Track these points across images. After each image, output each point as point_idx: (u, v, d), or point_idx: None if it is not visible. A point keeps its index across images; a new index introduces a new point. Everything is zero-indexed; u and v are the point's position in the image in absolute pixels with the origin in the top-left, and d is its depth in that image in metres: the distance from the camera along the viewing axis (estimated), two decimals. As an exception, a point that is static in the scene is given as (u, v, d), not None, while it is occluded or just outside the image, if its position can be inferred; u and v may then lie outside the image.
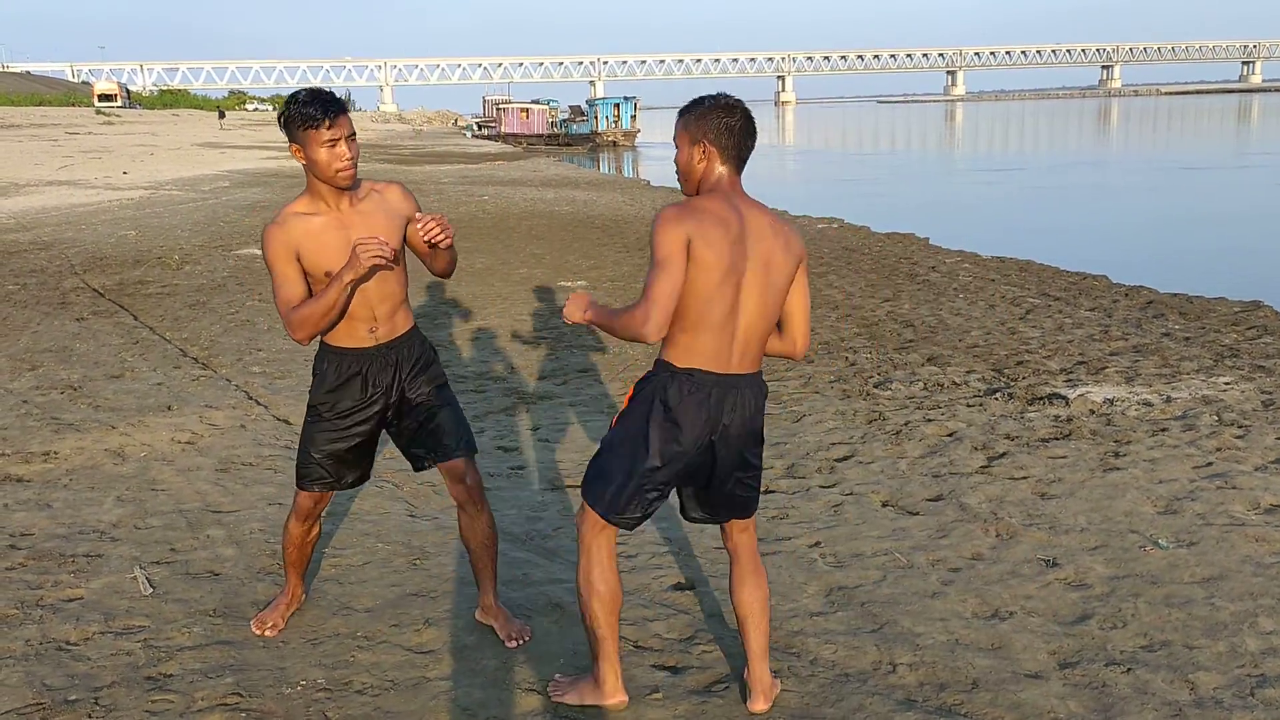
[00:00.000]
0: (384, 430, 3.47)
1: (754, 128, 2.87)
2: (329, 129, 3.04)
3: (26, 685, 3.26)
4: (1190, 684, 3.25)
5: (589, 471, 2.98)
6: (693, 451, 2.84)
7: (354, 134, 3.13)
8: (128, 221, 17.05)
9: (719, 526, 3.14)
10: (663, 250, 2.68)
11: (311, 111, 3.03)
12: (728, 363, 2.81)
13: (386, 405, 3.37)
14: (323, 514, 3.60)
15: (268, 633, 3.60)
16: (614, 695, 3.10)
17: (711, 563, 4.23)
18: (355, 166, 3.12)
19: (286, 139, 3.11)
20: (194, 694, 3.23)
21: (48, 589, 3.95)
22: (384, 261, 3.00)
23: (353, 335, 3.28)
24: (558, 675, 3.29)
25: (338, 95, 3.11)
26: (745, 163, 2.86)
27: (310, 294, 3.17)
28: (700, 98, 2.87)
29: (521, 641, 3.54)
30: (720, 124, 2.79)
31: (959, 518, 4.61)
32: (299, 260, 3.13)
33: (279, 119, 3.12)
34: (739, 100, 2.83)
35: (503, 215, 17.74)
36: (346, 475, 3.46)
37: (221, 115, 69.94)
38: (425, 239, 3.12)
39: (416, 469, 3.51)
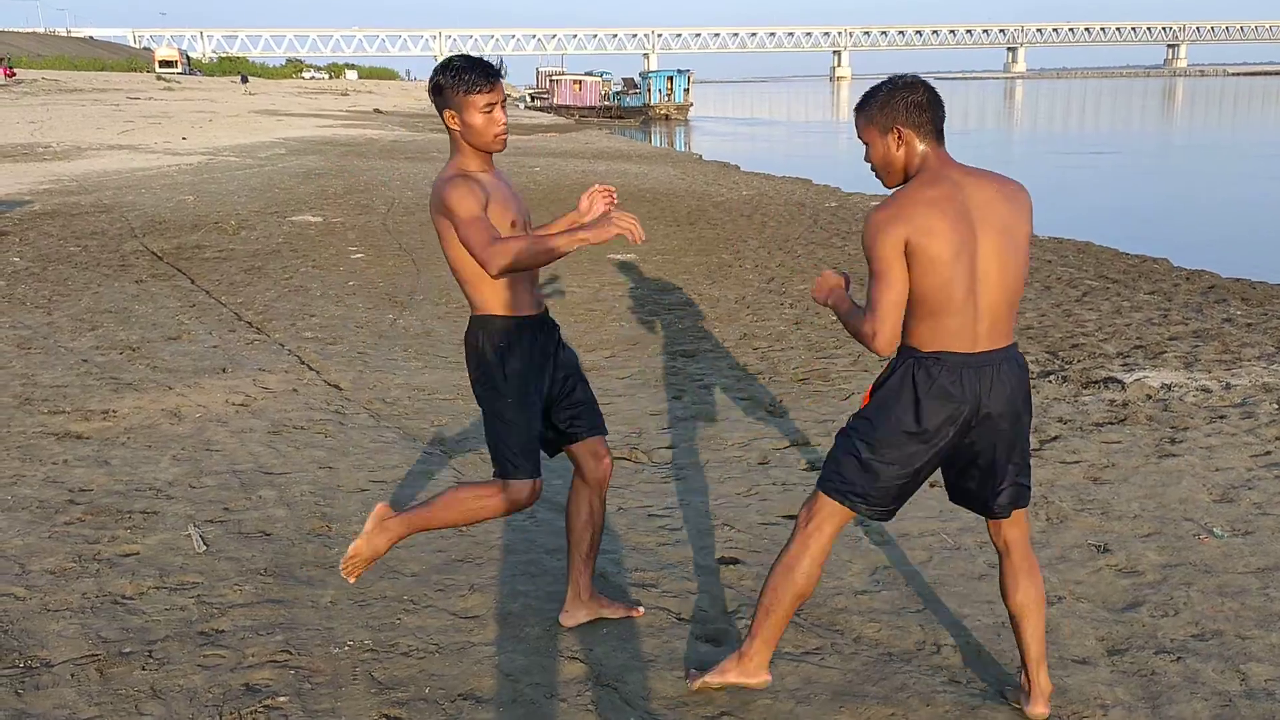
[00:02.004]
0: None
1: (940, 98, 2.74)
2: (489, 93, 3.02)
3: (83, 637, 3.35)
4: (1241, 675, 3.19)
5: (830, 460, 2.87)
6: (949, 439, 2.73)
7: (505, 100, 3.11)
8: (186, 186, 17.31)
9: (985, 520, 2.97)
10: (879, 261, 2.60)
11: (473, 77, 3.01)
12: (974, 342, 2.67)
13: (551, 375, 3.28)
14: None
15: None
16: (760, 674, 3.03)
17: (756, 538, 4.23)
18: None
19: (439, 106, 3.06)
20: (245, 650, 3.30)
21: (105, 544, 4.05)
22: (631, 234, 2.93)
23: (522, 300, 3.18)
24: (693, 669, 3.19)
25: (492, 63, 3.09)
26: (943, 134, 2.73)
27: None
28: (873, 88, 2.75)
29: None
30: (907, 103, 2.67)
31: (1008, 500, 4.55)
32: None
33: (433, 86, 3.06)
34: (914, 76, 2.73)
35: (554, 187, 17.75)
36: (547, 449, 3.37)
37: (244, 80, 70.59)
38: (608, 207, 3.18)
39: (552, 452, 3.40)
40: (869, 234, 2.62)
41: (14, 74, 57.08)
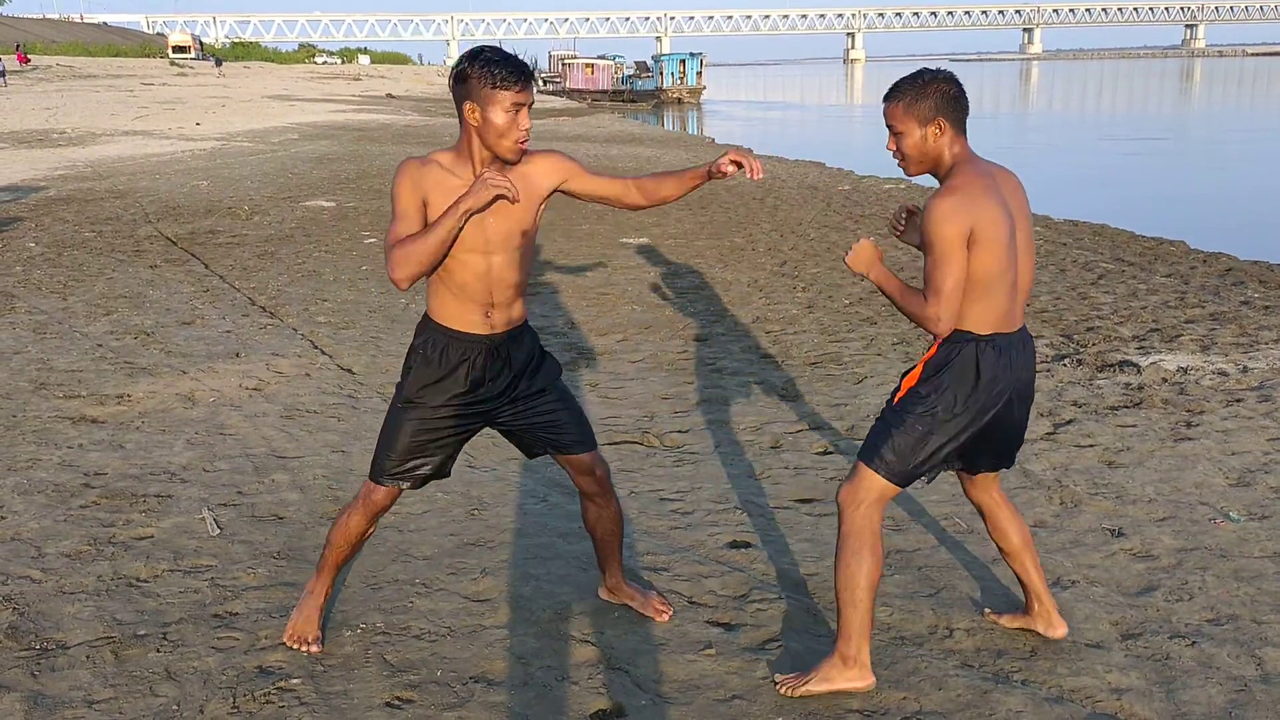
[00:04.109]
0: (486, 426, 3.16)
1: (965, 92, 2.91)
2: (518, 92, 2.77)
3: (98, 619, 3.37)
4: (1257, 660, 3.17)
5: (880, 437, 2.92)
6: (997, 413, 2.90)
7: (533, 104, 2.87)
8: (199, 172, 17.35)
9: (961, 483, 3.25)
10: (946, 244, 2.71)
11: (504, 72, 2.75)
12: (1013, 321, 2.89)
13: (491, 401, 3.05)
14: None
15: (313, 649, 3.21)
16: (867, 677, 2.98)
17: (767, 521, 4.22)
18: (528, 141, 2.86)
19: (458, 95, 2.81)
20: (258, 632, 3.31)
21: (119, 527, 4.08)
22: (509, 195, 2.75)
23: (465, 318, 2.98)
24: (778, 676, 3.08)
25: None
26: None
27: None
28: (907, 78, 2.85)
29: (670, 613, 3.40)
30: (947, 95, 2.81)
31: (1022, 484, 4.53)
32: (424, 209, 2.86)
33: (455, 74, 2.81)
34: (945, 69, 2.87)
35: (566, 171, 17.69)
36: (430, 471, 3.10)
37: (219, 64, 69.81)
38: (752, 179, 2.97)
39: (530, 456, 3.27)
40: (936, 219, 2.71)
41: (29, 60, 57.25)
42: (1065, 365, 6.30)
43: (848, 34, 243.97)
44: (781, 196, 14.74)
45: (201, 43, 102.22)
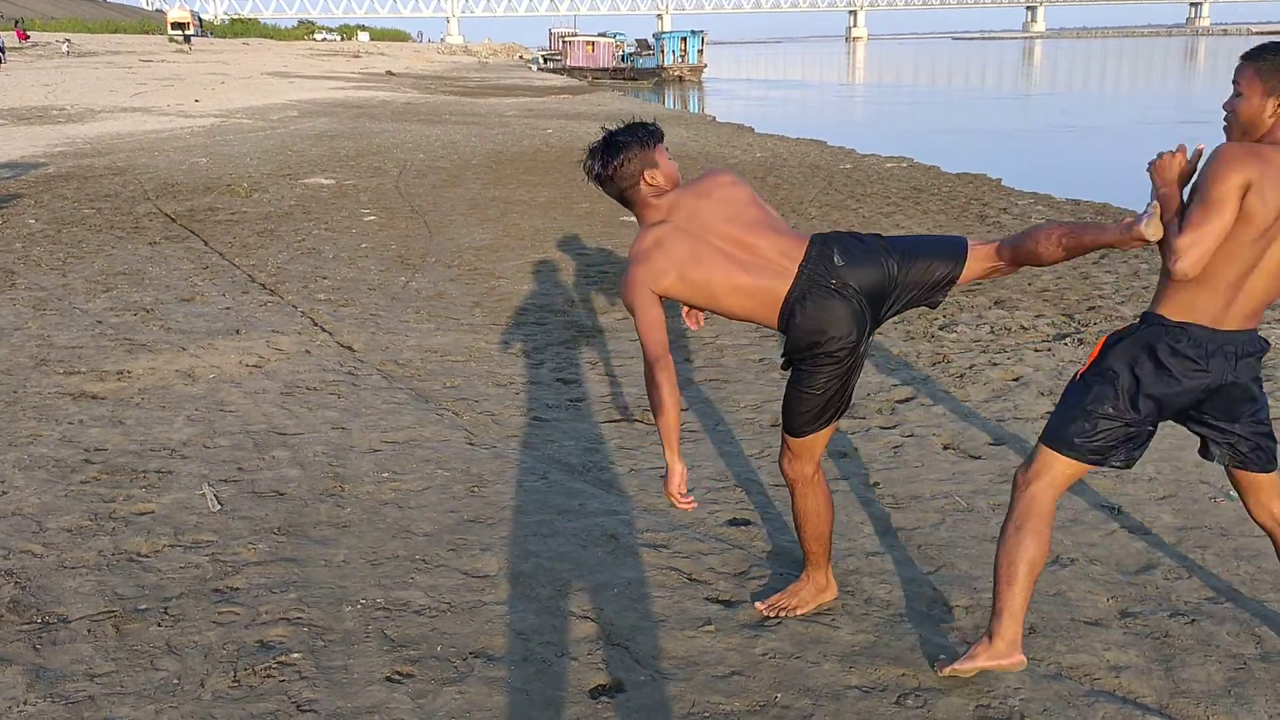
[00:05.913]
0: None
1: None
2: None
3: (99, 594, 3.38)
4: (1257, 638, 3.17)
5: (1054, 417, 2.87)
6: (1180, 404, 2.79)
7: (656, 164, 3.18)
8: (199, 149, 17.29)
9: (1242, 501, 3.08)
10: (1219, 190, 2.55)
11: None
12: (1223, 319, 2.69)
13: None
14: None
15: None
16: (1013, 654, 2.85)
17: (767, 499, 4.23)
18: None
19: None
20: (259, 607, 3.32)
21: (120, 503, 4.08)
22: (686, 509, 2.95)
23: None
24: (942, 656, 3.06)
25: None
26: None
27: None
28: (1270, 45, 2.69)
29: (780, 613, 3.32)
30: None
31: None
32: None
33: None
34: None
35: (567, 149, 17.65)
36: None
37: (188, 40, 66.77)
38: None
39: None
40: (1221, 162, 2.57)
41: (28, 37, 56.95)
42: (1066, 344, 6.29)
43: (850, 12, 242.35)
44: (783, 175, 14.69)
45: (200, 19, 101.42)
